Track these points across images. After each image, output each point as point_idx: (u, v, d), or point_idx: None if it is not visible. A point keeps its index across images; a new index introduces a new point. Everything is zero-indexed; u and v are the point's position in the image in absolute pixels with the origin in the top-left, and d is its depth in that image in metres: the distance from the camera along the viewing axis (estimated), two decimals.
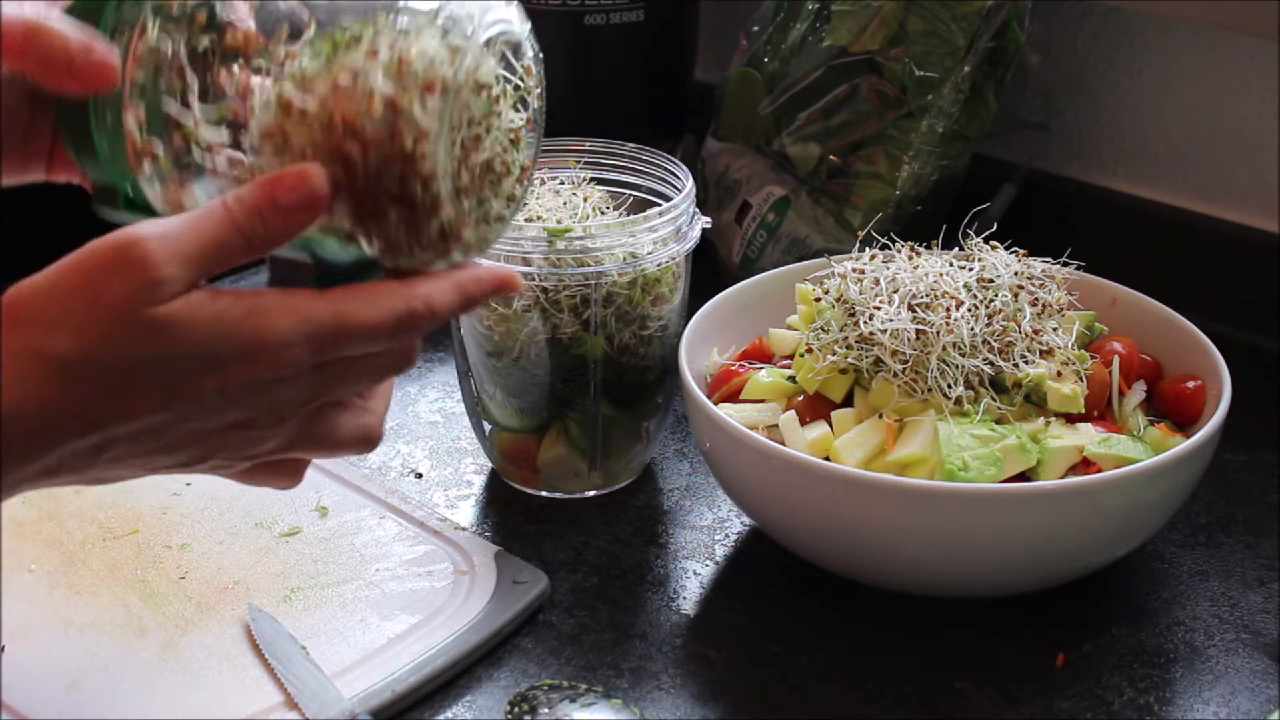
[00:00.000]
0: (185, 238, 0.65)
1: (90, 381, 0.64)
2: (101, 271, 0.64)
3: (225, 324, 0.65)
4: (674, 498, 1.03)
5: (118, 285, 0.64)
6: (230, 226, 0.65)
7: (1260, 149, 1.20)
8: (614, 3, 1.24)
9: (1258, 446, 1.06)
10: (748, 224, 1.24)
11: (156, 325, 0.64)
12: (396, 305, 0.68)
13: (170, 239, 0.64)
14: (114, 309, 0.64)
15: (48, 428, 0.65)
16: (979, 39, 1.15)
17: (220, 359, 0.65)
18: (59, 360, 0.64)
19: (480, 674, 0.87)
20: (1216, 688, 0.86)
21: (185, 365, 0.65)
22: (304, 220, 0.65)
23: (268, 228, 0.65)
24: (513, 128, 0.71)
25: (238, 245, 0.65)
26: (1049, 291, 0.95)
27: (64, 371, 0.64)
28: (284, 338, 0.66)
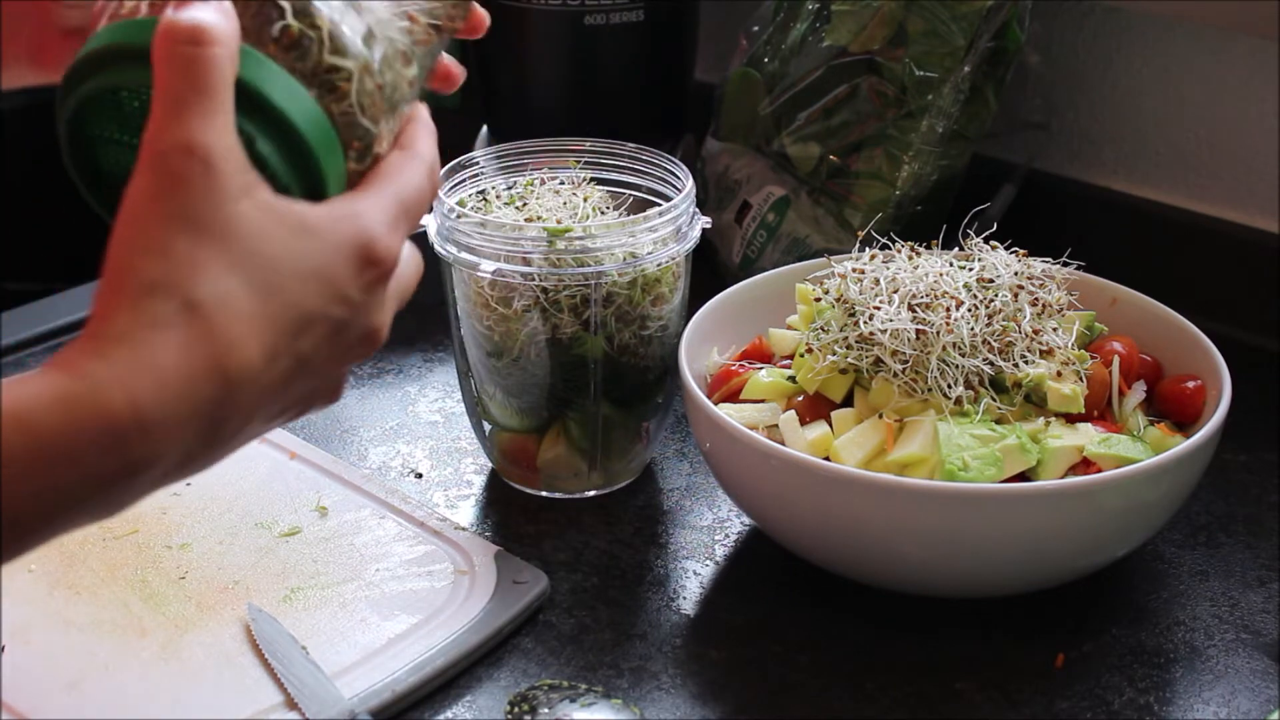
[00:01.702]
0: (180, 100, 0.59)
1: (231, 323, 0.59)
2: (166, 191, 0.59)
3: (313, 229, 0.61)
4: (674, 498, 1.03)
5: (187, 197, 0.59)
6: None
7: (1260, 149, 1.20)
8: (614, 3, 1.24)
9: (1258, 446, 1.06)
10: (748, 224, 1.24)
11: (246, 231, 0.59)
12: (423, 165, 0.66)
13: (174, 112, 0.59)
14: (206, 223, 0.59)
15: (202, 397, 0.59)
16: (979, 39, 1.15)
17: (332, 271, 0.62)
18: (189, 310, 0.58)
19: (480, 674, 0.87)
20: (1216, 688, 0.86)
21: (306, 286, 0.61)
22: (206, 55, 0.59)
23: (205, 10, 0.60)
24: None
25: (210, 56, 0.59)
26: (1049, 291, 0.95)
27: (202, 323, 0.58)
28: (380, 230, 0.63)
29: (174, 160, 0.59)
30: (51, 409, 0.57)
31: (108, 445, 0.57)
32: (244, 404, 0.61)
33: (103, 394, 0.57)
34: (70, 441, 0.57)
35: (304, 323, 0.62)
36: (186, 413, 0.59)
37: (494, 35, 1.32)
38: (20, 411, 0.57)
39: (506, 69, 1.31)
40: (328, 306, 0.62)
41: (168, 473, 0.61)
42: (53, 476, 0.57)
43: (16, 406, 0.57)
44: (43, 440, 0.56)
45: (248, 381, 0.60)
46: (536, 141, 1.03)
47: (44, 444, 0.56)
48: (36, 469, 0.57)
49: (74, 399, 0.57)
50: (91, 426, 0.57)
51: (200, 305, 0.59)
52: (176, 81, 0.59)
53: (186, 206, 0.59)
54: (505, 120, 1.33)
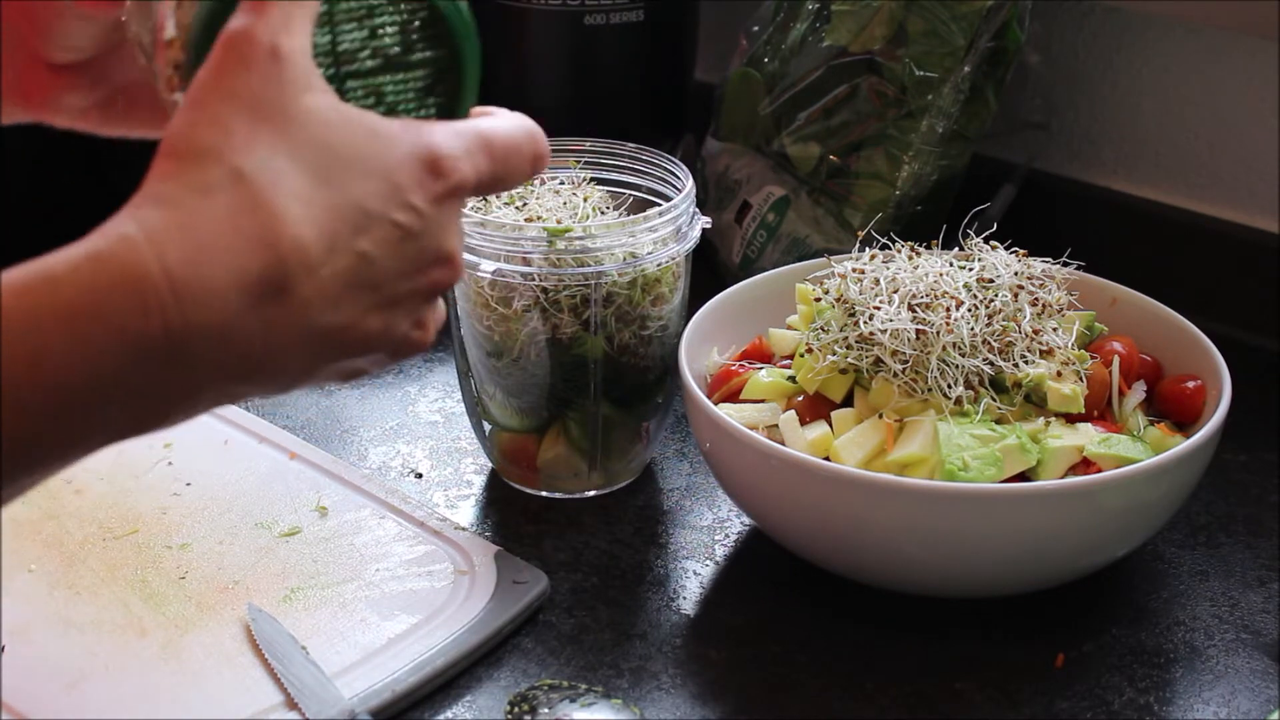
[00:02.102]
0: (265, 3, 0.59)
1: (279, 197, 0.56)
2: (230, 74, 0.58)
3: (385, 133, 0.60)
4: (674, 498, 1.03)
5: (254, 78, 0.58)
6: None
7: (1260, 149, 1.20)
8: (614, 3, 1.24)
9: (1258, 446, 1.06)
10: (748, 224, 1.24)
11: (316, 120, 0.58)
12: (521, 121, 0.65)
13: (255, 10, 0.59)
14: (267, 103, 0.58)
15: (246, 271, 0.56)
16: (979, 39, 1.15)
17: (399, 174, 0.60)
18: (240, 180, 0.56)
19: (480, 674, 0.87)
20: (1216, 688, 0.86)
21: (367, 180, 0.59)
22: None
23: None
24: None
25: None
26: (1049, 291, 0.95)
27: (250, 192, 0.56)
28: (453, 148, 0.62)
29: (242, 46, 0.58)
30: (79, 266, 0.54)
31: (135, 305, 0.54)
32: (300, 292, 0.57)
33: (132, 250, 0.54)
34: (96, 298, 0.53)
35: (364, 219, 0.59)
36: (228, 283, 0.55)
37: (494, 35, 1.32)
38: (48, 269, 0.54)
39: (506, 69, 1.31)
40: (390, 208, 0.59)
41: (214, 363, 0.56)
42: (81, 337, 0.53)
43: (47, 265, 0.54)
44: (66, 297, 0.53)
45: (301, 264, 0.57)
46: None
47: (67, 300, 0.53)
48: (64, 327, 0.53)
49: (102, 255, 0.54)
50: (119, 282, 0.54)
51: (249, 175, 0.56)
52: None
53: (249, 87, 0.57)
54: None
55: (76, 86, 0.77)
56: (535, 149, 0.66)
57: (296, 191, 0.57)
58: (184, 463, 1.02)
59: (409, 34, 0.67)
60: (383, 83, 0.67)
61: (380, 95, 0.67)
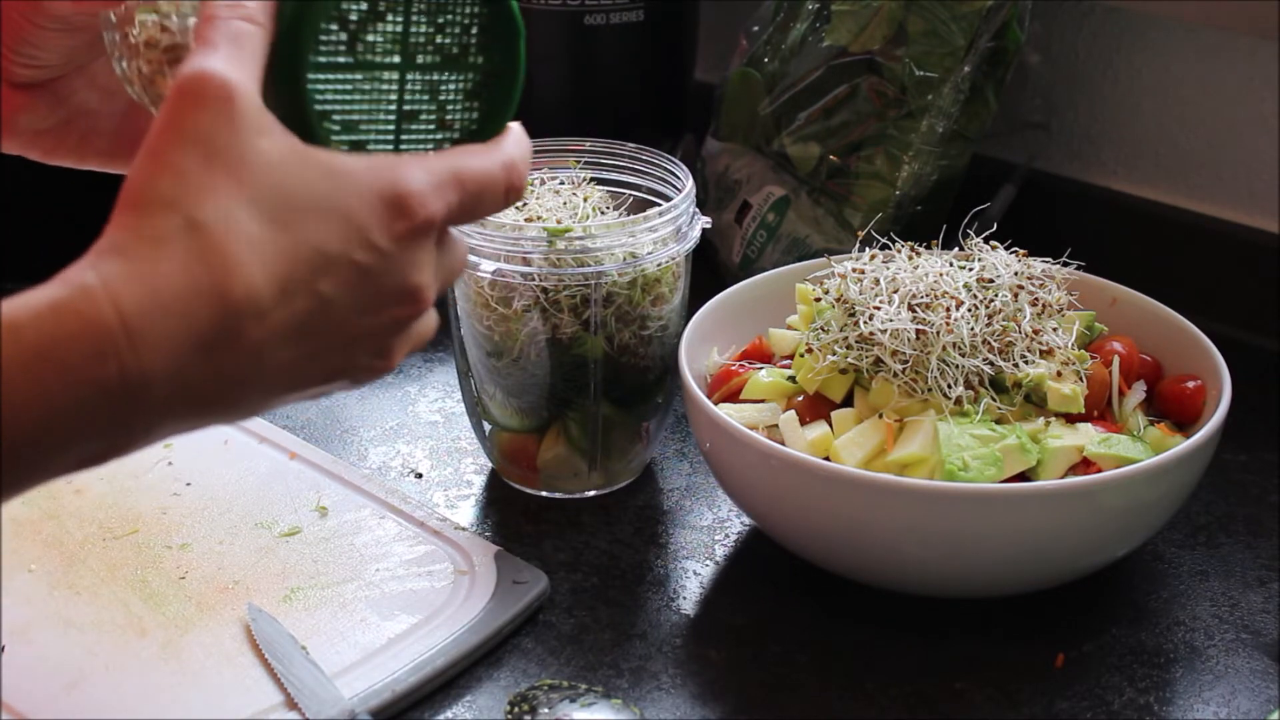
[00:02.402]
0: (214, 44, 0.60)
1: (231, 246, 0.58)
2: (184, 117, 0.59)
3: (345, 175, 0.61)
4: (674, 498, 1.03)
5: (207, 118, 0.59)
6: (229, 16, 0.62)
7: (1260, 149, 1.20)
8: (614, 3, 1.24)
9: (1258, 446, 1.06)
10: (748, 224, 1.24)
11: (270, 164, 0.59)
12: (500, 157, 0.66)
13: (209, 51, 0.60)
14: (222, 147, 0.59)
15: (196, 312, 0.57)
16: (979, 39, 1.15)
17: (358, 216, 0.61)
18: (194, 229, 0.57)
19: (480, 674, 0.87)
20: (1216, 688, 0.86)
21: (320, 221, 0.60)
22: None
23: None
24: None
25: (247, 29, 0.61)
26: (1049, 291, 0.95)
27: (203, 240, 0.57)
28: (419, 186, 0.62)
29: (196, 85, 0.59)
30: (40, 314, 0.56)
31: (93, 352, 0.56)
32: (251, 336, 0.59)
33: (90, 300, 0.56)
34: (57, 346, 0.56)
35: (323, 262, 0.60)
36: (180, 331, 0.57)
37: None
38: (12, 317, 0.56)
39: None
40: (350, 249, 0.60)
41: (171, 402, 0.58)
42: (43, 383, 0.55)
43: (10, 313, 0.56)
44: (29, 344, 0.55)
45: (252, 311, 0.58)
46: (536, 141, 1.02)
47: (31, 347, 0.55)
48: (27, 374, 0.55)
49: (62, 304, 0.56)
50: (78, 332, 0.56)
51: (204, 225, 0.57)
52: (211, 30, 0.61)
53: (202, 130, 0.58)
54: None
55: (34, 108, 0.77)
56: (510, 181, 0.67)
57: (251, 238, 0.58)
58: (184, 463, 1.03)
59: (469, 34, 0.68)
60: (439, 80, 0.68)
61: (435, 92, 0.68)
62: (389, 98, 0.67)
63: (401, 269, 0.62)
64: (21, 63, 0.75)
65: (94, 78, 0.77)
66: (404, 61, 0.67)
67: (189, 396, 0.59)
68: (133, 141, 0.77)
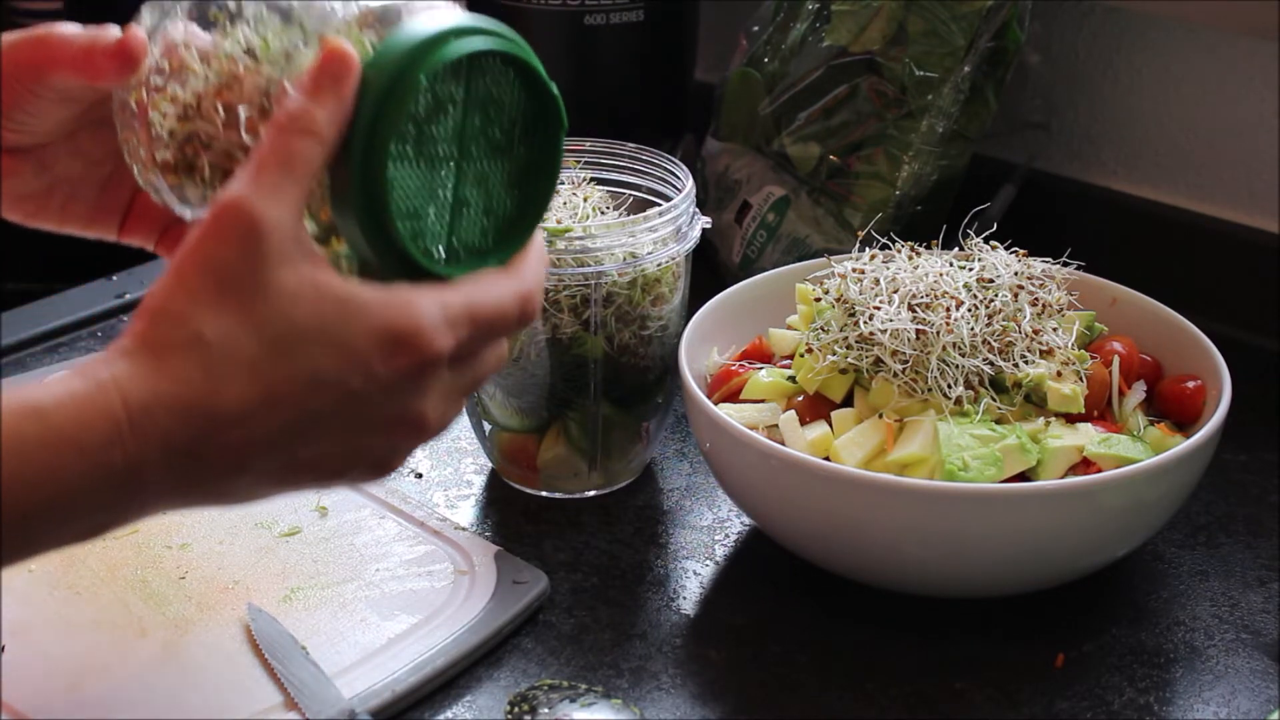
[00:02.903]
0: (253, 172, 0.64)
1: (230, 364, 0.63)
2: (211, 241, 0.63)
3: (358, 307, 0.64)
4: (674, 498, 1.03)
5: (229, 250, 0.63)
6: (281, 135, 0.64)
7: (1260, 149, 1.20)
8: (614, 3, 1.24)
9: (1258, 446, 1.06)
10: (748, 224, 1.24)
11: (285, 295, 0.63)
12: (517, 288, 0.69)
13: (246, 180, 0.64)
14: (237, 278, 0.63)
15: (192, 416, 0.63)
16: (979, 39, 1.15)
17: (362, 348, 0.64)
18: (197, 343, 0.63)
19: (480, 674, 0.87)
20: (1216, 688, 0.86)
21: (323, 351, 0.64)
22: (346, 88, 0.65)
23: (316, 111, 0.64)
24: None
25: (304, 148, 0.64)
26: (1049, 291, 0.95)
27: (203, 354, 0.63)
28: (429, 324, 0.65)
29: (227, 216, 0.63)
30: (62, 402, 0.62)
31: (105, 440, 0.62)
32: (233, 442, 0.64)
33: (105, 394, 0.62)
34: (77, 430, 0.62)
35: (315, 383, 0.64)
36: (171, 429, 0.63)
37: None
38: (37, 402, 0.62)
39: None
40: (345, 376, 0.64)
41: (161, 489, 0.64)
42: (61, 462, 0.61)
43: (34, 400, 0.62)
44: (54, 426, 0.62)
45: (236, 420, 0.63)
46: None
47: (54, 429, 0.62)
48: (47, 451, 0.61)
49: (82, 395, 0.62)
50: (94, 421, 0.62)
51: (206, 341, 0.63)
52: (265, 151, 0.64)
53: (223, 260, 0.63)
54: None
55: (18, 173, 0.79)
56: (523, 311, 0.70)
57: (247, 357, 0.63)
58: None
59: (516, 125, 0.70)
60: (486, 170, 0.70)
61: (483, 181, 0.70)
62: (446, 187, 0.69)
63: (400, 398, 0.66)
64: (11, 128, 0.77)
65: (79, 146, 0.80)
66: (460, 153, 0.69)
67: (177, 486, 0.64)
68: (113, 209, 0.81)
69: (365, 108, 0.65)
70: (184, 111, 0.71)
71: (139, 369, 0.63)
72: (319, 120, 0.64)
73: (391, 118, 0.65)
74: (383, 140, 0.65)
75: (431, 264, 0.68)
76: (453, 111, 0.68)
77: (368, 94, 0.65)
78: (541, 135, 0.71)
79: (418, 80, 0.65)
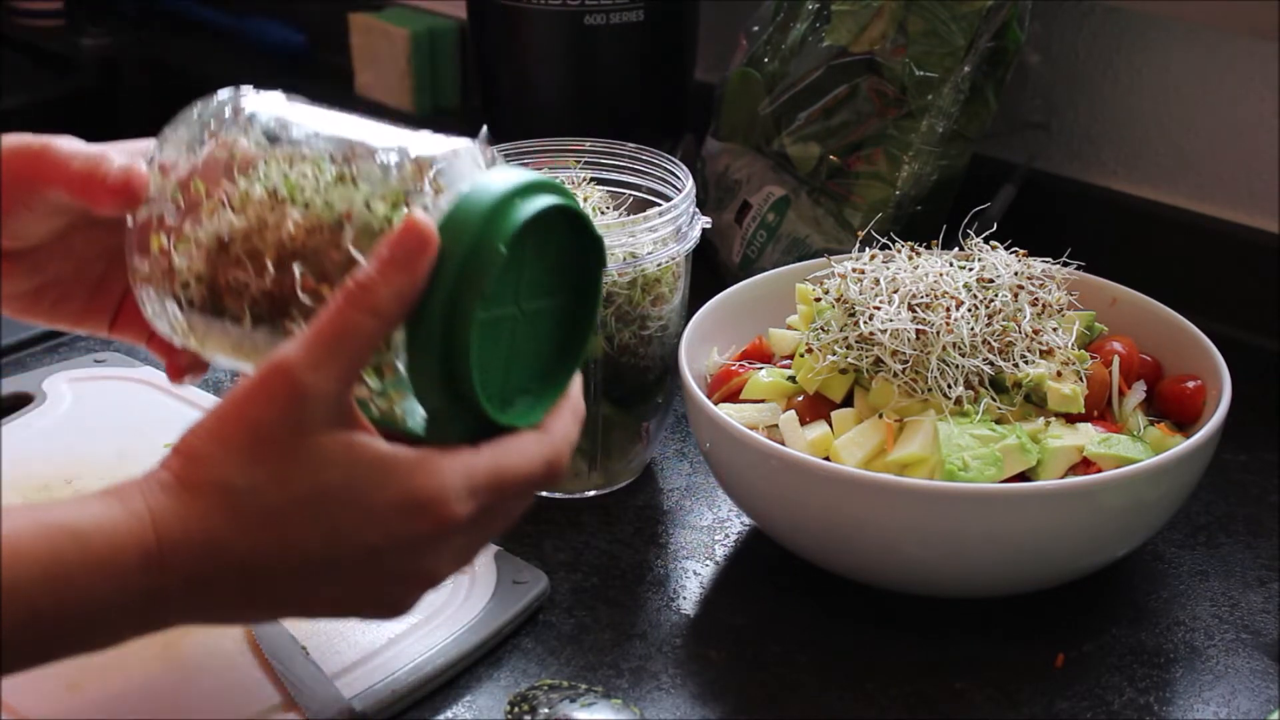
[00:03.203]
0: (313, 342, 0.66)
1: (256, 515, 0.66)
2: (255, 403, 0.66)
3: (388, 472, 0.67)
4: (674, 498, 1.03)
5: (272, 413, 0.66)
6: (349, 309, 0.66)
7: (1260, 149, 1.20)
8: (614, 3, 1.24)
9: (1258, 446, 1.06)
10: (748, 224, 1.24)
11: (319, 459, 0.66)
12: (546, 452, 0.71)
13: (303, 349, 0.66)
14: (275, 439, 0.66)
15: (217, 557, 0.66)
16: (979, 39, 1.15)
17: (385, 511, 0.67)
18: (227, 491, 0.66)
19: (480, 674, 0.87)
20: (1216, 688, 0.86)
21: (347, 511, 0.67)
22: (421, 267, 0.66)
23: (387, 289, 0.66)
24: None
25: (365, 325, 0.66)
26: (1049, 291, 0.95)
27: (232, 502, 0.66)
28: (452, 493, 0.68)
29: (274, 379, 0.66)
30: (102, 527, 0.66)
31: (139, 567, 0.66)
32: (250, 582, 0.68)
33: (140, 523, 0.66)
34: (116, 555, 0.66)
35: (334, 536, 0.67)
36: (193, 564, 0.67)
37: (494, 35, 1.32)
38: (76, 526, 0.66)
39: (506, 69, 1.31)
40: (364, 532, 0.67)
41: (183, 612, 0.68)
42: (98, 584, 0.65)
43: (73, 522, 0.66)
44: (94, 551, 0.65)
45: (250, 565, 0.67)
46: (536, 141, 1.03)
47: (95, 554, 0.65)
48: (89, 575, 0.65)
49: (121, 524, 0.66)
50: (131, 547, 0.66)
51: (234, 490, 0.66)
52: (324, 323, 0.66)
53: (263, 419, 0.66)
54: (505, 120, 1.33)
55: (10, 274, 0.80)
56: (549, 475, 0.72)
57: (272, 509, 0.67)
58: None
59: (562, 271, 0.72)
60: (537, 313, 0.72)
61: (533, 324, 0.72)
62: (507, 335, 0.71)
63: (416, 556, 0.69)
64: (5, 235, 0.77)
65: (71, 247, 0.81)
66: (518, 301, 0.71)
67: (197, 611, 0.69)
68: (104, 308, 0.83)
69: (444, 275, 0.67)
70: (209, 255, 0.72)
71: (172, 505, 0.66)
72: (385, 300, 0.66)
73: (474, 287, 0.67)
74: (466, 309, 0.67)
75: (497, 414, 0.70)
76: (516, 266, 0.69)
77: (445, 261, 0.67)
78: (585, 276, 0.73)
79: (499, 250, 0.67)
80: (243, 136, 0.74)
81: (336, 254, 0.69)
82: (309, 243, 0.70)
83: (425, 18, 1.65)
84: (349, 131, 0.73)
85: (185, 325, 0.75)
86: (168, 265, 0.73)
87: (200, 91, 0.78)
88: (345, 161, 0.71)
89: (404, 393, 0.70)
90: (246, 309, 0.71)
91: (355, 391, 0.69)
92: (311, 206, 0.70)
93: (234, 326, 0.73)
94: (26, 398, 1.09)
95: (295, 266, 0.70)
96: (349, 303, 0.66)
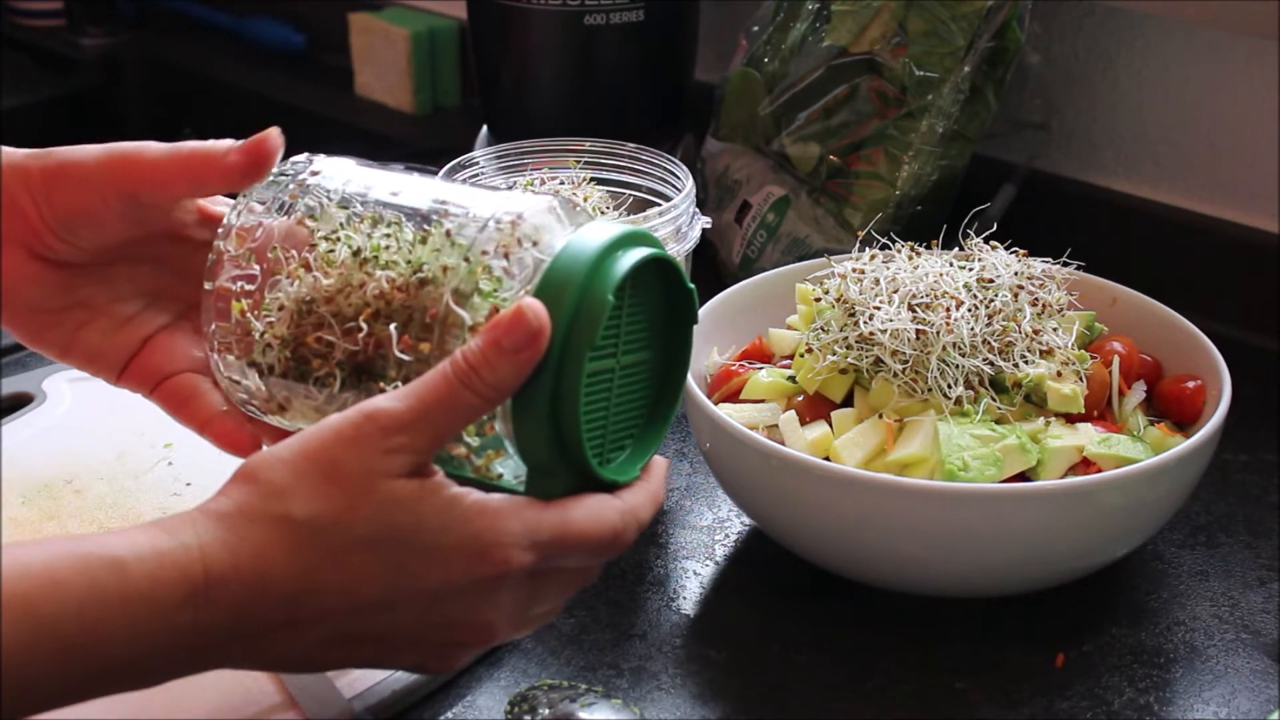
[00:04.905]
0: (415, 405, 0.66)
1: (317, 549, 0.65)
2: (341, 443, 0.65)
3: (456, 515, 0.66)
4: (674, 498, 1.03)
5: (355, 455, 0.65)
6: (456, 384, 0.66)
7: (1260, 149, 1.20)
8: (614, 3, 1.24)
9: (1258, 446, 1.06)
10: (748, 224, 1.24)
11: (390, 500, 0.65)
12: (614, 520, 0.70)
13: (403, 407, 0.66)
14: (351, 477, 0.65)
15: (268, 591, 0.65)
16: (979, 39, 1.15)
17: (447, 552, 0.66)
18: (288, 522, 0.65)
19: (480, 674, 0.87)
20: (1216, 688, 0.86)
21: (411, 552, 0.66)
22: (528, 358, 0.66)
23: (496, 375, 0.66)
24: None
25: (467, 401, 0.66)
26: (1049, 291, 0.95)
27: (292, 534, 0.65)
28: (512, 540, 0.67)
29: (366, 425, 0.65)
30: (144, 557, 0.64)
31: (181, 600, 0.64)
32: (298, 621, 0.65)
33: (189, 555, 0.64)
34: (154, 587, 0.63)
35: (395, 581, 0.66)
36: (243, 600, 0.65)
37: (494, 35, 1.32)
38: (117, 555, 0.64)
39: (506, 69, 1.31)
40: (424, 573, 0.66)
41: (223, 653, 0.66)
42: (135, 617, 0.63)
43: (114, 551, 0.64)
44: (132, 581, 0.63)
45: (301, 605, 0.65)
46: (536, 141, 1.03)
47: (133, 584, 0.63)
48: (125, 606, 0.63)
49: (165, 554, 0.64)
50: (174, 580, 0.64)
51: (295, 522, 0.65)
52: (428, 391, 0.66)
53: (338, 461, 0.65)
54: (505, 120, 1.33)
55: (43, 281, 0.78)
56: (615, 543, 0.70)
57: (333, 546, 0.65)
58: (184, 463, 1.02)
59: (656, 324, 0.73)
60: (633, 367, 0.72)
61: (629, 378, 0.72)
62: (605, 389, 0.71)
63: (470, 602, 0.67)
64: (60, 236, 0.76)
65: (112, 276, 0.80)
66: (619, 355, 0.71)
67: (239, 648, 0.66)
68: (120, 352, 0.81)
69: (554, 326, 0.67)
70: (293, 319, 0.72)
71: (224, 535, 0.65)
72: (491, 383, 0.66)
73: (584, 337, 0.67)
74: (577, 357, 0.67)
75: (601, 470, 0.70)
76: (616, 318, 0.70)
77: (552, 312, 0.67)
78: (676, 329, 0.74)
79: (606, 299, 0.67)
80: (319, 202, 0.74)
81: (434, 310, 0.69)
82: (401, 302, 0.70)
83: (425, 18, 1.65)
84: (427, 192, 0.74)
85: (266, 392, 0.75)
86: (248, 330, 0.74)
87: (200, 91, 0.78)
88: (429, 221, 0.72)
89: (501, 450, 0.70)
90: (336, 370, 0.72)
91: (451, 449, 0.70)
92: (398, 266, 0.71)
93: (319, 390, 0.73)
94: (26, 398, 1.09)
95: (392, 326, 0.70)
96: (459, 378, 0.66)
